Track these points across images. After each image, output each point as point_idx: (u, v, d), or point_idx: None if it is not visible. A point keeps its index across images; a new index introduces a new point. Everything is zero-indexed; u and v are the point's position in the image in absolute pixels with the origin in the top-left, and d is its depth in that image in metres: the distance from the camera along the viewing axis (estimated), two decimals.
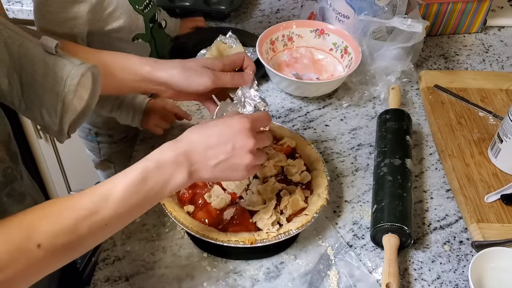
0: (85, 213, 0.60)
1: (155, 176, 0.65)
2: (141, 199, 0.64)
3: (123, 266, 0.85)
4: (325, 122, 1.14)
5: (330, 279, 0.84)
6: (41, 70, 0.66)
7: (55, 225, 0.58)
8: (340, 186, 1.00)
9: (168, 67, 0.82)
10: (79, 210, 0.60)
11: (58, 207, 0.60)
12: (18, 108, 0.69)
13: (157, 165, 0.65)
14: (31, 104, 0.68)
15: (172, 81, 0.81)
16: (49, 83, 0.66)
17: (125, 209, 0.63)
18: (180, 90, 0.83)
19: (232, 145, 0.70)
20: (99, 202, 0.61)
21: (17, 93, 0.67)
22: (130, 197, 0.63)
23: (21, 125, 1.73)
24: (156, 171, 0.65)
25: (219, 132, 0.70)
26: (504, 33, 1.45)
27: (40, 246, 0.56)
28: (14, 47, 0.65)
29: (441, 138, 1.07)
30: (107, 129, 1.27)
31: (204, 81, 0.81)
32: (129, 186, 0.63)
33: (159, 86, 0.83)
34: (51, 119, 0.69)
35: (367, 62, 1.19)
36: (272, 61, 1.23)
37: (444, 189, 1.00)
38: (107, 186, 0.63)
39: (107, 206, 0.61)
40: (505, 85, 1.22)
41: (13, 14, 1.43)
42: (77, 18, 0.94)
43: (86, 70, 0.67)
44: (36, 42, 0.67)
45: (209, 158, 0.69)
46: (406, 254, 0.89)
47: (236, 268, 0.86)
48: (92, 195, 0.62)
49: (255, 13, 1.47)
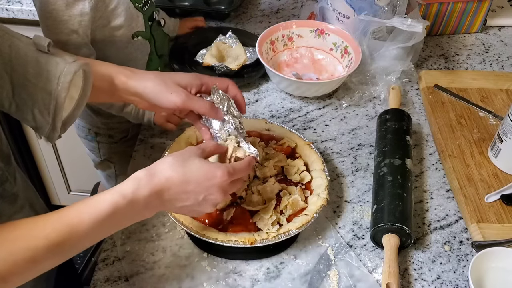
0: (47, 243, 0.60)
1: (124, 212, 0.66)
2: (105, 231, 0.67)
3: (123, 266, 0.85)
4: (325, 122, 1.14)
5: (330, 279, 0.84)
6: (33, 69, 0.66)
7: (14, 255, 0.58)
8: (340, 186, 1.00)
9: (143, 79, 0.80)
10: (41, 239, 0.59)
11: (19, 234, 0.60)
12: (8, 109, 0.68)
13: (129, 202, 0.66)
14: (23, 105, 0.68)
15: (145, 94, 0.80)
16: (42, 82, 0.66)
17: (88, 240, 0.64)
18: (152, 103, 0.81)
19: (203, 197, 0.72)
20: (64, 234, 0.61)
21: (7, 94, 0.66)
22: (95, 230, 0.64)
23: (21, 126, 1.73)
24: (127, 208, 0.66)
25: (198, 182, 0.71)
26: (504, 33, 1.45)
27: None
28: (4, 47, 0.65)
29: (441, 138, 1.07)
30: (107, 129, 1.27)
31: (174, 99, 0.79)
32: (97, 220, 0.63)
33: (133, 97, 0.81)
34: (44, 118, 0.68)
35: (367, 62, 1.19)
36: (272, 61, 1.23)
37: (444, 189, 1.00)
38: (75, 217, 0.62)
39: (71, 238, 0.61)
40: (505, 85, 1.22)
41: (13, 14, 1.43)
42: (82, 15, 0.94)
43: (78, 67, 0.67)
44: (26, 42, 0.67)
45: (178, 200, 0.71)
46: (406, 254, 0.89)
47: (236, 268, 0.86)
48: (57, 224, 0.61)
49: (255, 13, 1.47)
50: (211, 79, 0.84)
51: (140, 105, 0.84)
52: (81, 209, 0.63)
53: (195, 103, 0.81)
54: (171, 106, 0.80)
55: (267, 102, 1.18)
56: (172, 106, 0.80)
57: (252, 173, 0.93)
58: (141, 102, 0.82)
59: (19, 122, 1.72)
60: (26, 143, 1.80)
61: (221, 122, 0.84)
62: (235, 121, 0.83)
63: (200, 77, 0.84)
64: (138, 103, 0.83)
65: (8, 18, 1.43)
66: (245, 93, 1.20)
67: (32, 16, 1.42)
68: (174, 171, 0.70)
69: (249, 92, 1.20)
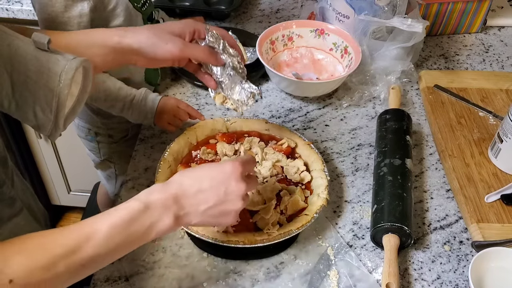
0: (64, 251, 0.58)
1: (142, 218, 0.63)
2: (124, 241, 0.63)
3: (123, 266, 0.85)
4: (325, 122, 1.14)
5: (330, 279, 0.84)
6: (34, 67, 0.66)
7: (30, 261, 0.56)
8: (340, 186, 1.00)
9: (137, 34, 0.79)
10: (58, 247, 0.58)
11: (37, 242, 0.59)
12: (7, 109, 0.68)
13: (145, 206, 0.64)
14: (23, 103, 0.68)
15: (140, 48, 0.78)
16: (44, 79, 0.66)
17: (106, 250, 0.61)
18: (149, 57, 0.80)
19: (225, 190, 0.68)
20: (81, 241, 0.59)
21: (7, 93, 0.66)
22: (113, 238, 0.61)
23: (21, 126, 1.73)
24: (143, 212, 0.64)
25: (212, 176, 0.69)
26: (504, 33, 1.45)
27: (12, 282, 0.55)
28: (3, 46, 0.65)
29: (441, 138, 1.07)
30: (107, 129, 1.27)
31: (170, 49, 0.78)
32: (114, 227, 0.61)
33: (130, 56, 0.80)
34: (46, 116, 0.68)
35: (367, 62, 1.19)
36: (272, 61, 1.23)
37: (444, 189, 1.00)
38: (91, 225, 0.61)
39: (88, 246, 0.59)
40: (505, 85, 1.22)
41: (13, 14, 1.43)
42: (81, 16, 0.94)
43: (79, 64, 0.67)
44: (25, 40, 0.67)
45: (200, 202, 0.68)
46: (406, 254, 0.89)
47: (236, 268, 0.86)
48: (74, 233, 0.60)
49: (255, 13, 1.47)
50: (203, 25, 0.84)
51: (139, 62, 0.82)
52: (97, 219, 0.62)
53: (192, 50, 0.81)
54: (169, 56, 0.79)
55: (267, 102, 1.18)
56: (170, 56, 0.79)
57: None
58: (139, 59, 0.81)
59: (19, 123, 1.72)
60: (26, 143, 1.80)
61: (221, 67, 0.84)
62: (233, 60, 0.83)
63: (193, 23, 0.83)
64: (137, 61, 0.82)
65: (8, 18, 1.43)
66: None
67: (32, 16, 1.42)
68: (185, 176, 0.69)
69: None
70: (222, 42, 0.83)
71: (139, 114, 1.06)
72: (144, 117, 1.07)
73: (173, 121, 1.06)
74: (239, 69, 0.85)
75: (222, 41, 0.83)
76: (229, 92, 0.86)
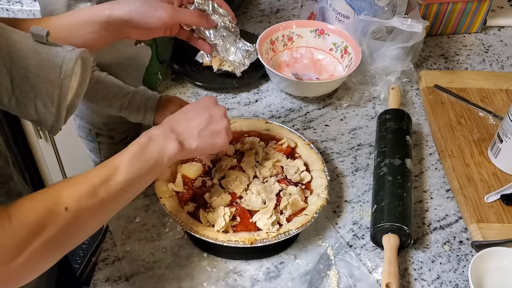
0: (100, 180, 0.66)
1: (151, 147, 0.73)
2: (144, 167, 0.71)
3: (123, 266, 0.85)
4: (325, 122, 1.14)
5: (330, 279, 0.84)
6: (34, 61, 0.66)
7: (76, 191, 0.64)
8: (340, 186, 1.00)
9: (126, 5, 0.79)
10: (94, 178, 0.66)
11: (76, 179, 0.66)
12: (7, 105, 0.68)
13: (149, 139, 0.73)
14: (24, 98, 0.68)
15: (131, 18, 0.79)
16: (44, 72, 0.66)
17: (133, 175, 0.69)
18: (141, 27, 0.80)
19: (208, 113, 0.80)
20: (110, 170, 0.68)
21: (6, 89, 0.66)
22: (134, 165, 0.70)
23: (21, 126, 1.73)
24: (150, 143, 0.73)
25: (193, 107, 0.82)
26: (504, 33, 1.45)
27: (68, 209, 0.61)
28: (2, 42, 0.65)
29: (441, 138, 1.07)
30: (108, 130, 1.27)
31: (160, 15, 0.79)
32: (131, 156, 0.70)
33: (122, 28, 0.80)
34: (47, 109, 0.68)
35: (367, 62, 1.19)
36: (272, 61, 1.23)
37: (444, 189, 1.00)
38: (113, 160, 0.70)
39: (118, 173, 0.68)
40: (505, 85, 1.22)
41: (13, 14, 1.43)
42: None
43: (79, 55, 0.67)
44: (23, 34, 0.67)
45: (192, 127, 0.78)
46: (406, 254, 0.89)
47: (236, 268, 0.86)
48: (102, 168, 0.69)
49: (255, 13, 1.47)
50: None
51: (132, 35, 0.83)
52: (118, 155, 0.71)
53: (182, 14, 0.82)
54: (160, 23, 0.80)
55: (267, 102, 1.18)
56: (161, 23, 0.80)
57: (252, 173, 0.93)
58: (132, 31, 0.82)
59: (19, 122, 1.72)
60: (26, 143, 1.80)
61: (214, 30, 0.84)
62: (224, 20, 0.84)
63: None
64: (130, 34, 0.82)
65: (8, 18, 1.43)
66: (245, 93, 1.20)
67: (32, 16, 1.42)
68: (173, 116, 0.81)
69: (249, 92, 1.20)
70: (211, 3, 0.84)
71: (138, 113, 1.06)
72: (143, 116, 1.06)
73: None
74: (231, 28, 0.85)
75: (211, 1, 0.84)
76: (225, 54, 0.87)
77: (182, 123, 0.78)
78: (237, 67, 0.89)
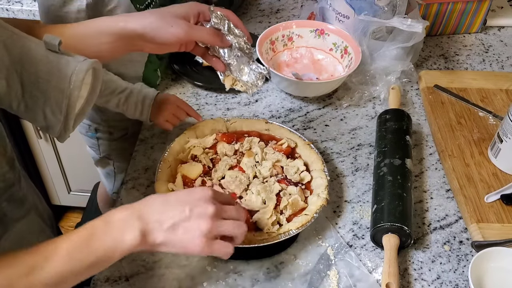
0: (23, 270, 0.58)
1: (103, 233, 0.63)
2: (87, 259, 0.62)
3: (123, 266, 0.85)
4: (325, 122, 1.14)
5: (330, 279, 0.84)
6: (44, 68, 0.66)
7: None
8: (340, 186, 1.00)
9: (140, 18, 0.78)
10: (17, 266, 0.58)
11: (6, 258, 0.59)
12: (16, 110, 0.68)
13: (106, 223, 0.64)
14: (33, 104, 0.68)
15: (145, 33, 0.78)
16: (54, 81, 0.66)
17: (68, 269, 0.61)
18: (155, 42, 0.79)
19: (189, 208, 0.67)
20: (40, 260, 0.59)
21: (16, 94, 0.66)
22: (74, 256, 0.61)
23: (21, 126, 1.73)
24: (104, 228, 0.63)
25: (178, 197, 0.70)
26: (504, 33, 1.45)
27: None
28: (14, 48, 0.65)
29: (441, 138, 1.07)
30: (107, 126, 1.27)
31: (175, 31, 0.77)
32: (74, 245, 0.61)
33: (136, 41, 0.79)
34: (55, 117, 0.69)
35: (367, 62, 1.19)
36: (272, 61, 1.23)
37: (444, 189, 1.00)
38: (52, 245, 0.61)
39: (48, 265, 0.59)
40: (505, 85, 1.22)
41: (13, 14, 1.43)
42: (79, 12, 0.95)
43: (90, 66, 0.67)
44: (36, 42, 0.67)
45: (164, 219, 0.66)
46: (406, 254, 0.89)
47: (236, 268, 0.86)
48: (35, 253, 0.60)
49: (255, 13, 1.47)
50: (207, 6, 0.84)
51: (146, 48, 0.82)
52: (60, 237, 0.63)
53: (198, 32, 0.80)
54: (174, 40, 0.79)
55: (267, 102, 1.18)
56: (175, 40, 0.79)
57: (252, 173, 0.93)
58: (145, 44, 0.80)
59: (19, 122, 1.72)
60: (26, 143, 1.80)
61: (228, 49, 0.83)
62: (239, 41, 0.83)
63: (197, 5, 0.83)
64: (144, 47, 0.81)
65: (8, 18, 1.43)
66: (245, 93, 1.20)
67: (32, 16, 1.42)
68: (153, 196, 0.70)
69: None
70: (227, 23, 0.83)
71: (135, 109, 1.06)
72: (140, 112, 1.06)
73: (171, 119, 1.05)
74: (246, 50, 0.84)
75: (227, 21, 0.83)
76: (238, 74, 0.86)
77: (155, 211, 0.67)
78: (250, 87, 0.88)
